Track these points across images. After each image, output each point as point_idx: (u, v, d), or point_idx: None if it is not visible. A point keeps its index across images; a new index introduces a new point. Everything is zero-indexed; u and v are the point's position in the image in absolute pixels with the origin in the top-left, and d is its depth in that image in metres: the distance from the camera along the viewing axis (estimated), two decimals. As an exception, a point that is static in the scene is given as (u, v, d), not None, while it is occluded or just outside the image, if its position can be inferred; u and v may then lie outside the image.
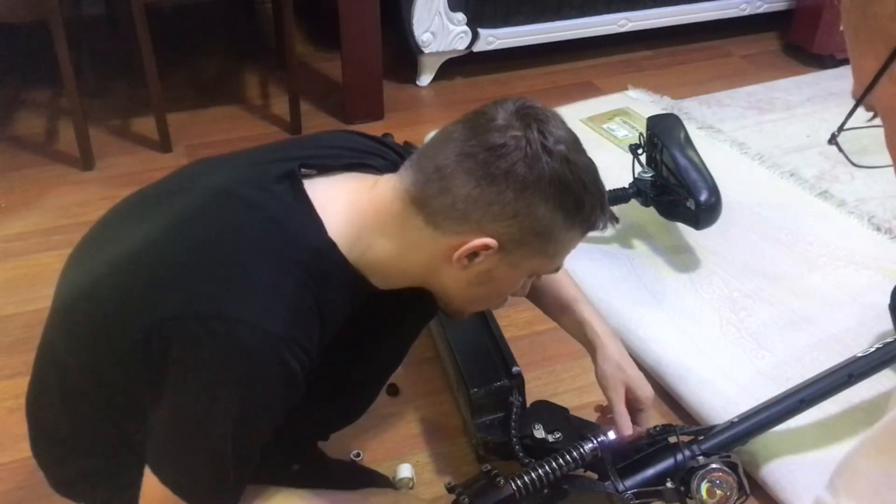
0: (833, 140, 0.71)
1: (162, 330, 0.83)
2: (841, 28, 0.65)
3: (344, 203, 0.91)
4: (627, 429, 1.14)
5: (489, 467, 1.11)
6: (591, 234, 0.95)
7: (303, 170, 0.94)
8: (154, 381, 0.86)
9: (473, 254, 0.88)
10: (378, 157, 1.01)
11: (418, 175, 0.88)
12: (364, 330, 0.98)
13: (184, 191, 0.95)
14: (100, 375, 0.92)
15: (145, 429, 0.90)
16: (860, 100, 0.64)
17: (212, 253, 0.86)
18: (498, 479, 1.09)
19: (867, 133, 0.69)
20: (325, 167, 0.96)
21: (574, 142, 0.89)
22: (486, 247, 0.87)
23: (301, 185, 0.91)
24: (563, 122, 0.89)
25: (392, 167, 0.98)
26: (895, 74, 0.59)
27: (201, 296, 0.83)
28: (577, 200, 0.87)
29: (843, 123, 0.69)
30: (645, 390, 1.17)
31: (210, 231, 0.88)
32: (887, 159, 0.68)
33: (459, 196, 0.85)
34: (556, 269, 0.97)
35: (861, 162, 0.77)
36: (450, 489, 1.11)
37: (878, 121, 0.66)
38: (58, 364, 0.97)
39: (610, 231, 1.87)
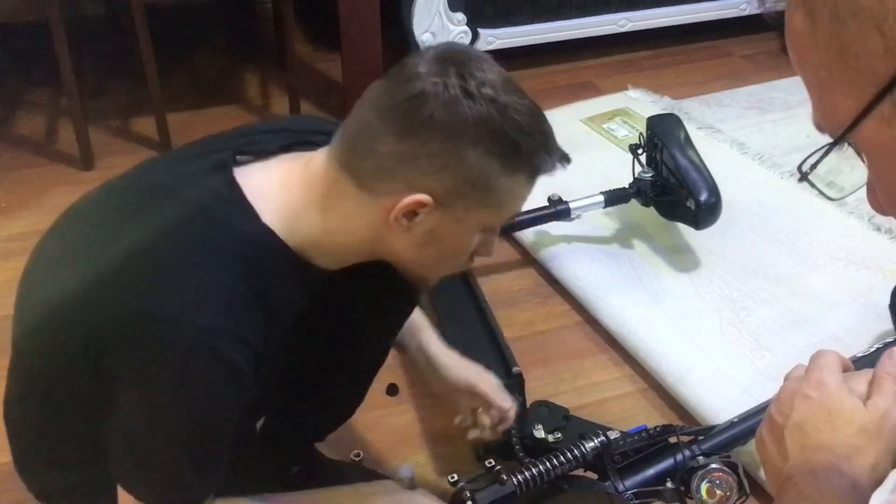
0: (804, 178, 0.66)
1: (98, 335, 0.80)
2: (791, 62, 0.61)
3: (277, 185, 0.86)
4: (506, 400, 1.15)
5: (492, 462, 1.11)
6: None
7: (239, 157, 0.89)
8: (101, 391, 0.83)
9: (412, 213, 0.82)
10: (326, 135, 0.90)
11: (345, 138, 0.83)
12: (336, 324, 0.95)
13: (124, 189, 0.93)
14: (56, 385, 0.89)
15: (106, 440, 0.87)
16: (838, 140, 0.59)
17: (140, 252, 0.82)
18: (501, 475, 1.09)
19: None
20: (261, 152, 0.90)
21: (504, 82, 0.81)
22: (421, 203, 0.81)
23: (231, 173, 0.85)
24: (491, 64, 0.82)
25: None
26: (886, 114, 0.54)
27: (131, 296, 0.80)
28: (512, 143, 0.80)
29: (818, 162, 0.64)
30: (480, 385, 1.14)
31: (139, 230, 0.84)
32: (854, 182, 0.65)
33: (385, 154, 0.80)
34: (510, 220, 0.90)
35: (833, 188, 0.73)
36: (453, 483, 1.11)
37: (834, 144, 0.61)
38: (26, 369, 0.93)
39: (610, 231, 1.87)
